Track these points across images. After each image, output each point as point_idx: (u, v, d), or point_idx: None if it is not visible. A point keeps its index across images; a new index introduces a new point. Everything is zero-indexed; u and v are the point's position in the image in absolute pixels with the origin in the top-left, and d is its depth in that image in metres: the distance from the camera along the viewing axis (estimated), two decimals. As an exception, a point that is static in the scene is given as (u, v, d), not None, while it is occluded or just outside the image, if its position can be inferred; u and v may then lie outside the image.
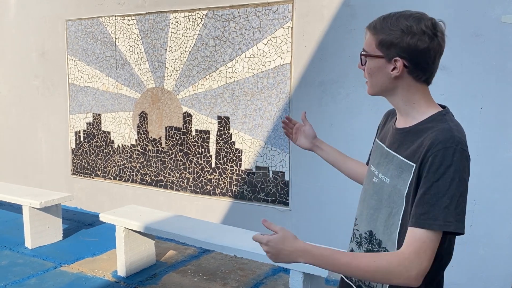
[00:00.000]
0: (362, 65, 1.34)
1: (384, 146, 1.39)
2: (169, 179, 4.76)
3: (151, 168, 4.88)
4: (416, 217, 1.17)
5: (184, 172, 4.64)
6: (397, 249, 1.26)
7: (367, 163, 1.66)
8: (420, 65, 1.25)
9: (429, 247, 1.15)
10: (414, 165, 1.22)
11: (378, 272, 1.17)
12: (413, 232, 1.17)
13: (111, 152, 5.18)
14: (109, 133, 5.19)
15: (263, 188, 4.18)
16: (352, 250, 1.43)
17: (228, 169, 4.36)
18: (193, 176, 4.59)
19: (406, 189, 1.24)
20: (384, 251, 1.31)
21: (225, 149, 4.36)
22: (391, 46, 1.25)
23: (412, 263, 1.15)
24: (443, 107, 1.33)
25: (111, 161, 5.19)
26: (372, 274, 1.18)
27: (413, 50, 1.23)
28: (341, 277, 1.53)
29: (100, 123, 5.24)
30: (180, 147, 4.65)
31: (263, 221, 1.29)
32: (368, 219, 1.37)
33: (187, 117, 4.58)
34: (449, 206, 1.14)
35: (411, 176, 1.23)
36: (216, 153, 4.42)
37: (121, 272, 3.72)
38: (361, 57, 1.33)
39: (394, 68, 1.27)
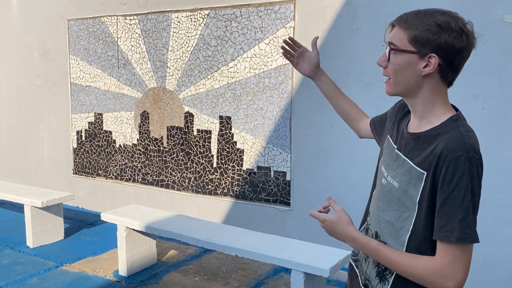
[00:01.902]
0: (388, 60, 1.27)
1: (395, 148, 1.36)
2: (171, 179, 4.76)
3: (153, 167, 4.88)
4: (437, 229, 1.19)
5: (186, 171, 4.65)
6: (405, 251, 1.26)
7: (373, 121, 1.64)
8: (453, 65, 1.22)
9: (461, 258, 1.17)
10: (425, 172, 1.21)
11: (415, 275, 1.22)
12: (440, 245, 1.19)
13: (113, 152, 5.19)
14: (110, 132, 5.19)
15: (264, 188, 4.18)
16: None
17: (230, 169, 4.36)
18: (194, 176, 4.59)
19: (419, 196, 1.22)
20: None
21: (227, 149, 4.36)
22: (427, 42, 1.20)
23: (446, 275, 1.17)
24: (456, 109, 1.31)
25: (112, 160, 5.20)
26: (409, 275, 1.23)
27: (450, 47, 1.19)
28: (349, 263, 1.54)
29: (102, 122, 5.25)
30: (182, 147, 4.65)
31: (328, 198, 1.39)
32: (375, 220, 1.37)
33: (189, 117, 4.58)
34: (465, 218, 1.15)
35: (423, 183, 1.21)
36: (217, 153, 4.42)
37: (123, 271, 3.72)
38: (390, 52, 1.26)
39: (426, 66, 1.22)
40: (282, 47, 1.81)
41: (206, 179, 4.52)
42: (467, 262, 1.17)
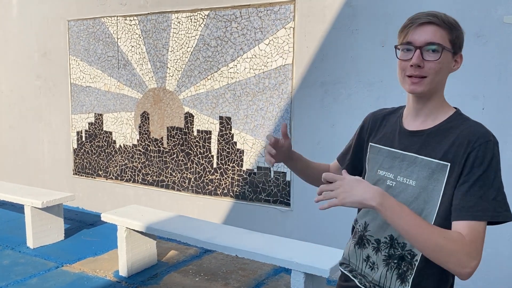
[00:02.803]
0: (437, 59, 1.26)
1: (397, 150, 1.37)
2: (171, 179, 4.76)
3: (153, 168, 4.88)
4: (465, 210, 1.19)
5: (186, 172, 4.65)
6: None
7: (342, 162, 1.63)
8: None
9: (481, 238, 1.18)
10: (449, 164, 1.24)
11: (444, 249, 1.14)
12: (466, 224, 1.17)
13: (113, 152, 5.19)
14: (111, 133, 5.19)
15: (264, 189, 4.18)
16: (368, 256, 1.40)
17: (230, 169, 4.36)
18: (194, 176, 4.59)
19: (443, 189, 1.25)
20: (409, 253, 1.30)
21: (227, 150, 4.36)
22: (460, 42, 1.30)
23: (471, 254, 1.15)
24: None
25: (112, 161, 5.20)
26: (437, 248, 1.14)
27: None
28: (341, 276, 1.52)
29: (102, 123, 5.25)
30: (182, 147, 4.65)
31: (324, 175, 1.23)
32: (386, 223, 1.34)
33: (189, 117, 4.58)
34: (497, 197, 1.19)
35: (447, 175, 1.24)
36: (217, 153, 4.42)
37: (123, 272, 3.72)
38: (443, 50, 1.26)
39: (454, 64, 1.32)
40: (269, 152, 1.52)
41: (206, 179, 4.52)
42: (483, 242, 1.19)
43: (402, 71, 1.31)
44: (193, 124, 4.56)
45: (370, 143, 1.48)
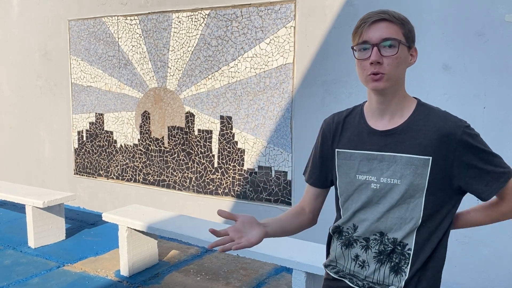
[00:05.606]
0: (395, 53, 1.27)
1: (371, 152, 1.36)
2: (172, 179, 4.76)
3: (154, 167, 4.89)
4: (492, 183, 1.30)
5: (187, 171, 4.65)
6: (415, 241, 1.31)
7: (311, 179, 1.60)
8: None
9: None
10: (430, 157, 1.28)
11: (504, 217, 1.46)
12: (503, 189, 1.32)
13: (114, 152, 5.19)
14: (111, 132, 5.19)
15: (265, 188, 4.18)
16: (357, 256, 1.41)
17: (231, 168, 4.36)
18: (195, 175, 4.59)
19: (427, 182, 1.29)
20: (402, 246, 1.33)
21: (228, 149, 4.36)
22: (413, 36, 1.32)
23: None
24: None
25: (113, 160, 5.20)
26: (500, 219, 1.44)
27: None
28: (329, 277, 1.51)
29: (103, 122, 5.25)
30: (183, 147, 4.65)
31: None
32: (375, 223, 1.36)
33: (190, 117, 4.58)
34: (501, 160, 1.32)
35: (429, 168, 1.28)
36: (218, 152, 4.42)
37: (124, 271, 3.72)
38: (399, 45, 1.27)
39: (411, 58, 1.34)
40: (217, 245, 1.44)
41: (207, 179, 4.52)
42: None
43: (364, 71, 1.31)
44: (194, 124, 4.56)
45: (336, 150, 1.45)
